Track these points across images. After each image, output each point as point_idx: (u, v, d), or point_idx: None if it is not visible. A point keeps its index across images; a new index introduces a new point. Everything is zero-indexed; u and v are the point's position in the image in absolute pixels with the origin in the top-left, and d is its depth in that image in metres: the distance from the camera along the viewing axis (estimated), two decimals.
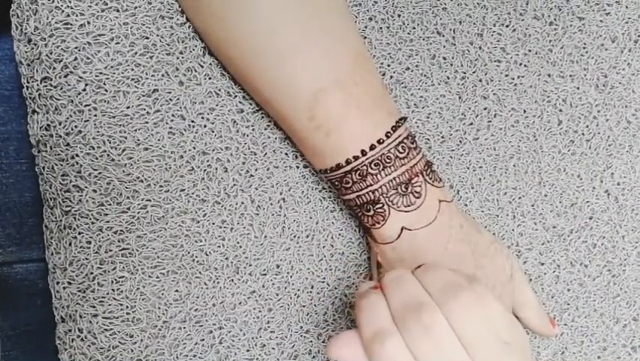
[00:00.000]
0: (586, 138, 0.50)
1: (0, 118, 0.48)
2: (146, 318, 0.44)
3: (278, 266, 0.46)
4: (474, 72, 0.49)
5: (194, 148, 0.45)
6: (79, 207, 0.43)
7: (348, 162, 0.42)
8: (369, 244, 0.47)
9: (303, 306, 0.47)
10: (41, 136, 0.43)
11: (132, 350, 0.44)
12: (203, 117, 0.45)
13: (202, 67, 0.45)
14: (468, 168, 0.49)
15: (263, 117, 0.46)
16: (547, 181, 0.50)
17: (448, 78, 0.48)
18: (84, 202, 0.43)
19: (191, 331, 0.45)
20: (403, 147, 0.42)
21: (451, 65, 0.48)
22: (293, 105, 0.42)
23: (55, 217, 0.44)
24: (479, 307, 0.34)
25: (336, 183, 0.43)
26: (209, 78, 0.45)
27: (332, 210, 0.48)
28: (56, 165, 0.43)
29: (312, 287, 0.47)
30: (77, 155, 0.43)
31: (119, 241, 0.44)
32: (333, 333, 0.47)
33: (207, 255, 0.45)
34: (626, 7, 0.50)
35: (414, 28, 0.48)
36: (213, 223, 0.45)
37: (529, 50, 0.49)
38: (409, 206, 0.42)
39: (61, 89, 0.42)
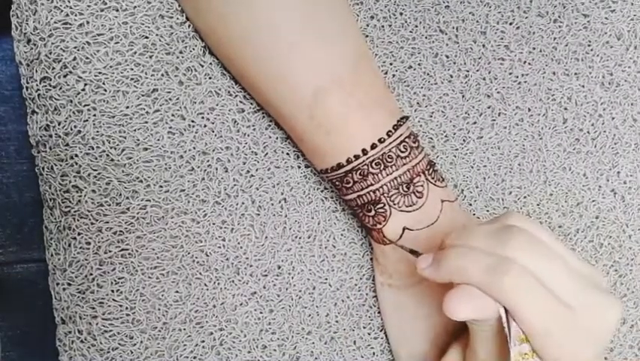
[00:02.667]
0: (591, 137, 0.49)
1: (1, 118, 0.48)
2: (146, 319, 0.44)
3: (279, 267, 0.46)
4: (477, 70, 0.48)
5: (194, 148, 0.44)
6: (78, 208, 0.43)
7: (348, 162, 0.41)
8: (371, 245, 0.47)
9: (305, 307, 0.47)
10: (41, 136, 0.43)
11: (132, 352, 0.44)
12: (203, 117, 0.45)
13: (202, 66, 0.44)
14: (472, 167, 0.48)
15: (264, 117, 0.46)
16: (552, 180, 0.49)
17: (451, 76, 0.48)
18: (83, 203, 0.43)
19: (192, 332, 0.45)
20: (404, 146, 0.42)
21: (454, 63, 0.48)
22: (293, 104, 0.41)
23: (55, 218, 0.44)
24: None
25: (337, 183, 0.43)
26: (210, 78, 0.45)
27: (334, 210, 0.47)
28: (55, 165, 0.43)
29: (314, 288, 0.47)
30: (76, 155, 0.43)
31: (118, 242, 0.44)
32: (335, 335, 0.47)
33: (208, 256, 0.45)
34: (632, 3, 0.49)
35: (416, 26, 0.47)
36: (214, 224, 0.45)
37: (534, 48, 0.49)
38: (410, 206, 0.42)
39: (61, 89, 0.42)
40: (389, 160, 0.41)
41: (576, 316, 0.34)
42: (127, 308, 0.44)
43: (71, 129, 0.43)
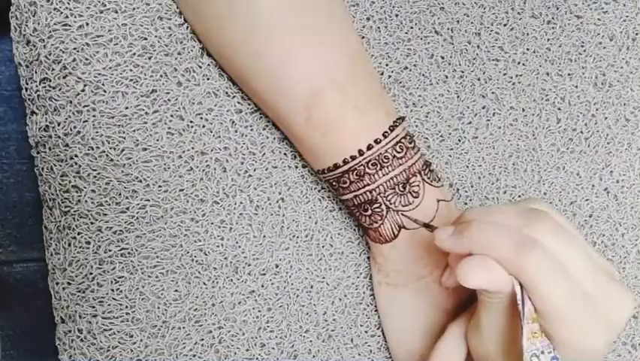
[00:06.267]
0: (585, 136, 0.50)
1: (0, 118, 0.48)
2: (146, 318, 0.44)
3: (277, 266, 0.46)
4: (472, 71, 0.49)
5: (193, 148, 0.45)
6: (78, 208, 0.43)
7: (345, 162, 0.42)
8: (368, 244, 0.47)
9: (303, 306, 0.47)
10: (40, 137, 0.43)
11: (132, 350, 0.44)
12: (201, 117, 0.45)
13: (200, 67, 0.45)
14: (467, 166, 0.49)
15: (261, 117, 0.46)
16: (546, 179, 0.50)
17: (447, 77, 0.48)
18: (83, 202, 0.43)
19: (191, 330, 0.45)
20: (400, 146, 0.42)
21: (450, 64, 0.48)
22: (290, 106, 0.42)
23: (55, 218, 0.44)
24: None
25: (334, 183, 0.43)
26: (208, 79, 0.45)
27: (331, 209, 0.48)
28: (55, 165, 0.43)
29: (312, 287, 0.47)
30: (76, 155, 0.43)
31: (118, 241, 0.44)
32: (333, 333, 0.47)
33: (206, 255, 0.45)
34: (624, 5, 0.50)
35: (412, 27, 0.48)
36: (212, 223, 0.45)
37: (528, 49, 0.49)
38: (406, 205, 0.42)
39: (60, 90, 0.43)
40: (385, 160, 0.42)
41: (592, 302, 0.35)
42: (127, 307, 0.44)
43: (71, 130, 0.43)
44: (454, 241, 0.36)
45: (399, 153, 0.42)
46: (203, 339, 0.45)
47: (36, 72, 0.43)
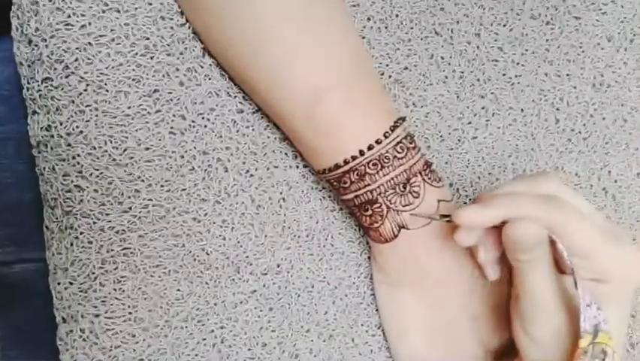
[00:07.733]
0: (583, 137, 0.50)
1: None
2: (148, 317, 0.44)
3: (278, 266, 0.47)
4: (472, 71, 0.49)
5: (195, 148, 0.45)
6: (80, 207, 0.43)
7: (346, 162, 0.42)
8: (369, 244, 0.47)
9: (304, 305, 0.47)
10: (42, 137, 0.43)
11: (134, 350, 0.44)
12: (203, 117, 0.45)
13: (202, 67, 0.45)
14: (467, 166, 0.49)
15: (263, 117, 0.46)
16: None
17: (447, 78, 0.49)
18: (85, 202, 0.43)
19: (193, 330, 0.45)
20: (401, 147, 0.42)
21: (449, 64, 0.49)
22: (292, 105, 0.42)
23: (56, 218, 0.44)
24: None
25: (335, 183, 0.43)
26: (209, 79, 0.45)
27: (332, 209, 0.48)
28: (57, 165, 0.43)
29: (313, 287, 0.47)
30: (78, 155, 0.43)
31: (120, 241, 0.44)
32: (334, 332, 0.47)
33: (208, 254, 0.45)
34: (622, 6, 0.50)
35: (412, 28, 0.48)
36: (214, 223, 0.45)
37: (527, 50, 0.49)
38: (407, 206, 0.42)
39: (62, 89, 0.42)
40: (386, 161, 0.42)
41: (613, 235, 0.39)
42: (129, 306, 0.44)
43: (73, 129, 0.43)
44: (483, 214, 0.37)
45: (399, 153, 0.42)
46: (205, 339, 0.45)
47: (38, 72, 0.43)
